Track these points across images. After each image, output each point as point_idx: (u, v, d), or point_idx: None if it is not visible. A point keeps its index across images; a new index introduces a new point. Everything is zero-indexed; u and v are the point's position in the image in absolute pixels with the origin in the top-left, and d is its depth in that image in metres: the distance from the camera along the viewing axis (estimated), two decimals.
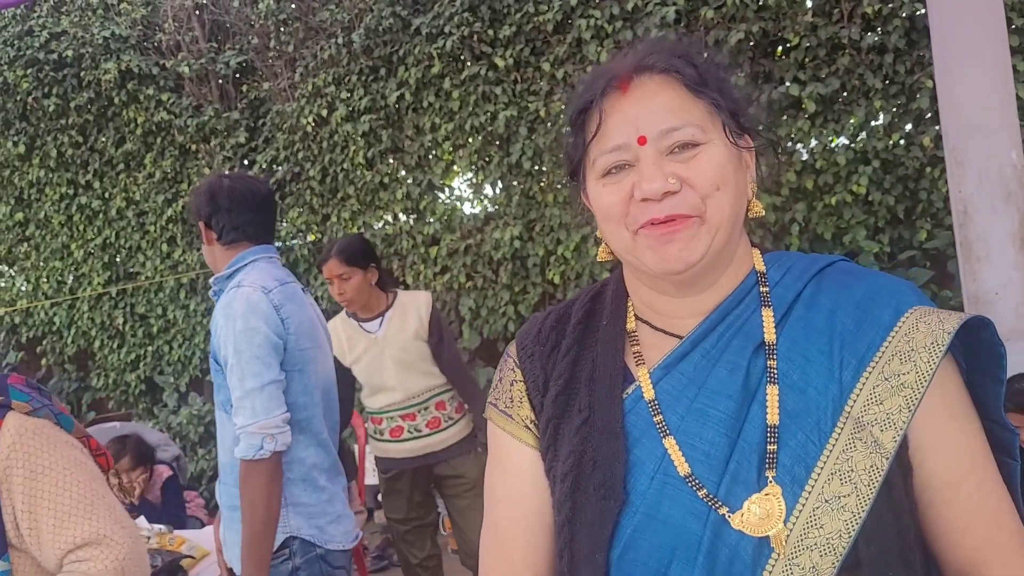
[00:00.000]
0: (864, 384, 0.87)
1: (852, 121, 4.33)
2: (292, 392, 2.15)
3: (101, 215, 6.80)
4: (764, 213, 0.99)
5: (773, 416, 0.87)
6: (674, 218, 0.88)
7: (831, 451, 0.84)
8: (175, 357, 6.60)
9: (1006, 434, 0.92)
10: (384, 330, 3.28)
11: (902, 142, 4.29)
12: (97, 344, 6.94)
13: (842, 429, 0.85)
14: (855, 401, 0.86)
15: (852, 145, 4.37)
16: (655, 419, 0.92)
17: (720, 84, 0.94)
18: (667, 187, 0.87)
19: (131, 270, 6.83)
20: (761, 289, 0.96)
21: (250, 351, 2.06)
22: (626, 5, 4.69)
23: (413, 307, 3.31)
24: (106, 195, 6.77)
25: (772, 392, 0.88)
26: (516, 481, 1.02)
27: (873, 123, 4.35)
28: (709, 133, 0.90)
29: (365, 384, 3.34)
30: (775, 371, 0.89)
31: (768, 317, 0.93)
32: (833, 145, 4.48)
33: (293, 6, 5.95)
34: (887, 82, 4.29)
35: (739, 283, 0.96)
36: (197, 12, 6.41)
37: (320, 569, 2.17)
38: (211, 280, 2.30)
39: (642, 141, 0.89)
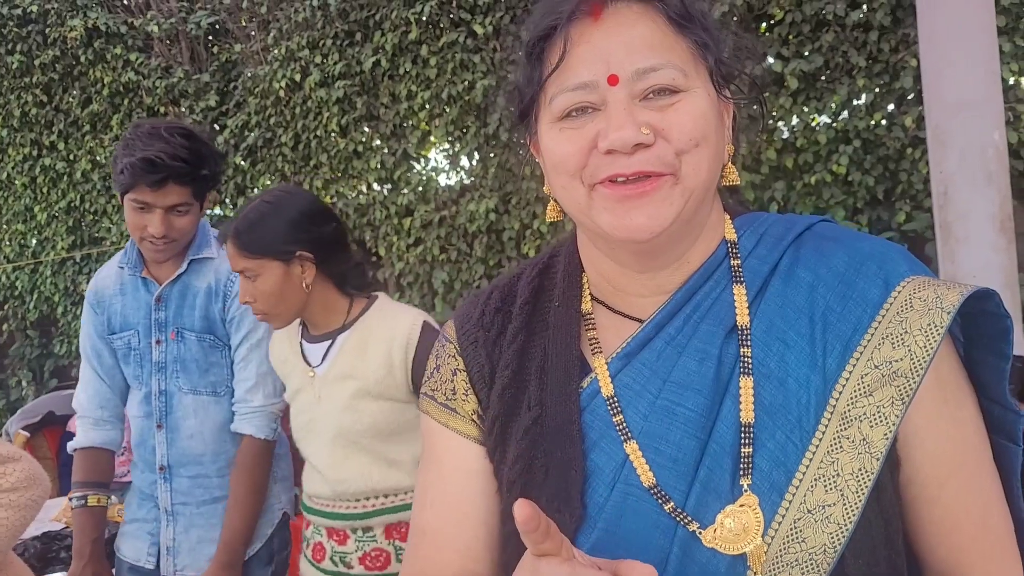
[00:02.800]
0: (851, 373, 0.76)
1: (834, 99, 4.26)
2: None
3: (66, 177, 6.61)
4: (740, 181, 0.87)
5: (748, 413, 0.76)
6: (645, 174, 0.75)
7: (815, 453, 0.74)
8: None
9: (1009, 415, 0.81)
10: (328, 366, 1.84)
11: (884, 122, 4.24)
12: (60, 310, 6.78)
13: (827, 426, 0.75)
14: (841, 393, 0.75)
15: (834, 124, 4.32)
16: (615, 419, 0.80)
17: (706, 23, 0.80)
18: (639, 138, 0.74)
19: (96, 235, 6.66)
20: (732, 262, 0.83)
21: (265, 331, 2.05)
22: None
23: (387, 336, 1.80)
24: (71, 157, 6.58)
25: (746, 385, 0.77)
26: (459, 482, 0.90)
27: (855, 102, 4.29)
28: (691, 79, 0.77)
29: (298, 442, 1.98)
30: (749, 360, 0.78)
31: (740, 295, 0.80)
32: (814, 124, 4.41)
33: None
34: (871, 60, 4.23)
35: (708, 256, 0.84)
36: None
37: (285, 534, 2.21)
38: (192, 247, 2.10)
39: (613, 81, 0.76)
